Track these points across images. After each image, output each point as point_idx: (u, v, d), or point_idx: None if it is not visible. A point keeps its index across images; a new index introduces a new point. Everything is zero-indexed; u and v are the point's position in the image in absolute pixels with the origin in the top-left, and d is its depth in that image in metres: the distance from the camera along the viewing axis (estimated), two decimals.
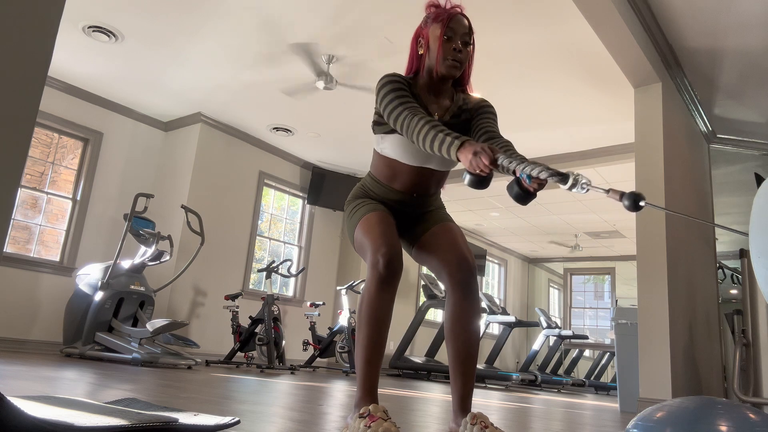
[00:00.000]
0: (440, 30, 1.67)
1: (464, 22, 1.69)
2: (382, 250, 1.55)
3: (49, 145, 5.59)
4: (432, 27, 1.70)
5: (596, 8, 3.45)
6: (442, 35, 1.66)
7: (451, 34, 1.67)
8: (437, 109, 1.74)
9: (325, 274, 7.66)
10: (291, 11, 4.15)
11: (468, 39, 1.70)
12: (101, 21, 4.45)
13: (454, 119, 1.76)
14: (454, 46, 1.67)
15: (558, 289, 12.42)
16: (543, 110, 5.41)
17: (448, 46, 1.67)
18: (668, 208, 4.02)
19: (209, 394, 2.51)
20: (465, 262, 1.65)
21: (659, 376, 3.72)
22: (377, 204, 1.76)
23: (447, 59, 1.66)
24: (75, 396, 1.90)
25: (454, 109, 1.76)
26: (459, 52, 1.67)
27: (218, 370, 4.75)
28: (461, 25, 1.68)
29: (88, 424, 1.15)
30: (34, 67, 0.97)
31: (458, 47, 1.67)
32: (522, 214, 8.96)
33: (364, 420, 1.43)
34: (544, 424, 2.61)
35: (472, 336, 1.64)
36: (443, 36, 1.66)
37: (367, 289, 1.57)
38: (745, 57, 4.15)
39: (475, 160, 1.35)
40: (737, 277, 5.38)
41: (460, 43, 1.68)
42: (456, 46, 1.67)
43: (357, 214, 1.74)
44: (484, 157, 1.34)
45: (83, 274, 4.98)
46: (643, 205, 1.26)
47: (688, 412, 1.57)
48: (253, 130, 6.54)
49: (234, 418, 1.51)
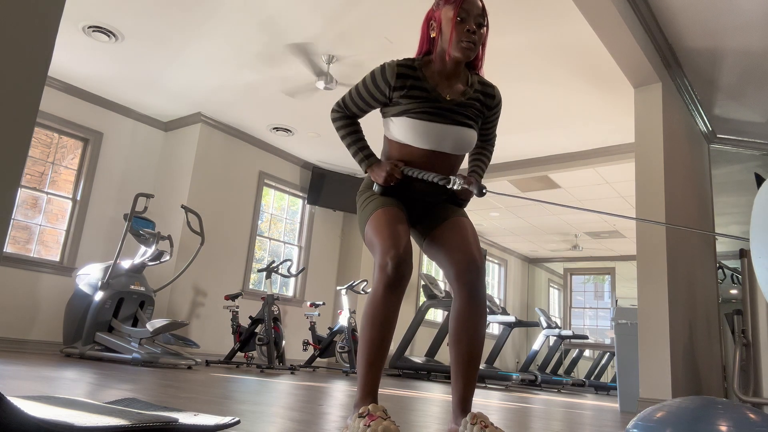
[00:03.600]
0: (453, 12, 1.63)
1: (478, 2, 1.65)
2: (391, 252, 1.53)
3: (49, 145, 5.59)
4: (444, 9, 1.66)
5: (596, 8, 3.45)
6: (455, 17, 1.62)
7: (464, 16, 1.63)
8: (449, 92, 1.71)
9: (325, 274, 7.65)
10: (291, 11, 4.16)
11: (482, 20, 1.66)
12: (101, 21, 4.45)
13: (469, 100, 1.73)
14: (467, 27, 1.63)
15: (558, 289, 12.42)
16: (543, 110, 5.41)
17: (461, 27, 1.63)
18: (668, 209, 4.02)
19: (209, 394, 2.51)
20: (474, 263, 1.62)
21: (659, 376, 3.72)
22: (389, 198, 1.72)
23: (461, 41, 1.63)
24: (75, 396, 1.90)
25: (471, 92, 1.74)
26: (473, 33, 1.63)
27: (218, 370, 4.75)
28: (475, 6, 1.64)
29: (88, 424, 1.15)
30: (34, 67, 0.97)
31: (472, 28, 1.63)
32: (522, 214, 8.96)
33: (364, 419, 1.43)
34: (544, 424, 2.60)
35: (476, 339, 1.63)
36: (456, 17, 1.62)
37: (374, 291, 1.55)
38: (745, 57, 4.15)
39: (388, 179, 1.68)
40: (737, 277, 5.38)
41: (474, 25, 1.64)
42: (470, 28, 1.63)
43: (368, 208, 1.70)
44: (397, 174, 1.68)
45: (83, 274, 4.98)
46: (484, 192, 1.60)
47: (688, 412, 1.57)
48: (253, 130, 6.54)
49: (234, 418, 1.51)
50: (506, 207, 8.55)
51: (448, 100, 1.69)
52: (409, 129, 1.66)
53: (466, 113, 1.72)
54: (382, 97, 1.70)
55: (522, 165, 6.75)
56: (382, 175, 1.68)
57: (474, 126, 1.75)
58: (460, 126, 1.70)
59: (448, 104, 1.69)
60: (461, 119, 1.70)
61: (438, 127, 1.67)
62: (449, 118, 1.69)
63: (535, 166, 6.66)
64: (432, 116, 1.67)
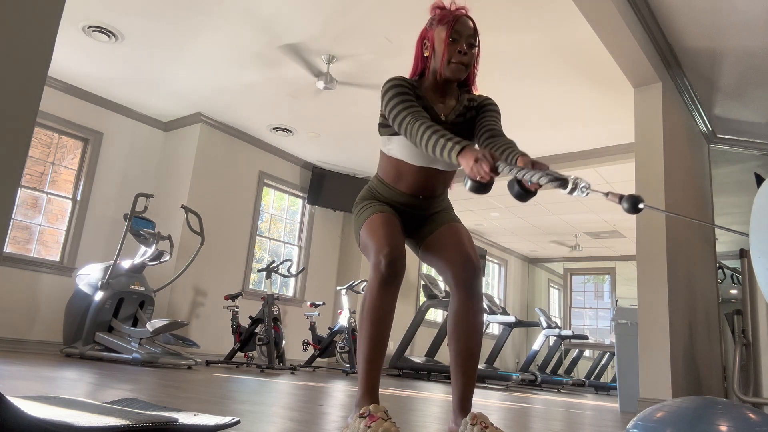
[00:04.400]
0: (445, 32, 1.66)
1: (469, 24, 1.69)
2: (384, 250, 1.55)
3: (49, 145, 5.59)
4: (437, 29, 1.69)
5: (596, 8, 3.45)
6: (447, 37, 1.65)
7: (456, 37, 1.66)
8: (443, 109, 1.74)
9: (325, 274, 7.65)
10: (291, 11, 4.15)
11: (473, 41, 1.69)
12: (101, 21, 4.45)
13: (460, 118, 1.76)
14: (459, 48, 1.66)
15: (558, 289, 12.42)
16: (543, 110, 5.41)
17: (453, 48, 1.66)
18: (668, 209, 4.02)
19: (209, 394, 2.51)
20: (470, 262, 1.65)
21: (659, 376, 3.72)
22: (383, 205, 1.76)
23: (452, 62, 1.66)
24: (75, 396, 1.90)
25: (460, 109, 1.77)
26: (464, 54, 1.66)
27: (218, 370, 4.75)
28: (466, 27, 1.67)
29: (88, 424, 1.15)
30: (34, 67, 0.97)
31: (463, 49, 1.66)
32: (522, 214, 8.96)
33: (364, 420, 1.43)
34: (544, 424, 2.60)
35: (474, 336, 1.64)
36: (448, 38, 1.66)
37: (369, 289, 1.57)
38: (745, 57, 4.15)
39: (476, 167, 1.36)
40: (737, 277, 5.38)
41: (466, 45, 1.67)
42: (461, 49, 1.66)
43: (363, 215, 1.74)
44: (485, 164, 1.35)
45: (83, 274, 4.98)
46: (642, 207, 1.29)
47: (688, 412, 1.57)
48: (253, 130, 6.54)
49: (234, 418, 1.51)
50: (506, 207, 8.55)
51: (443, 120, 1.74)
52: (404, 147, 1.70)
53: (460, 131, 1.76)
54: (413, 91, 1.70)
55: None
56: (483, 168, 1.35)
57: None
58: None
59: (443, 124, 1.74)
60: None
61: None
62: None
63: None
64: None
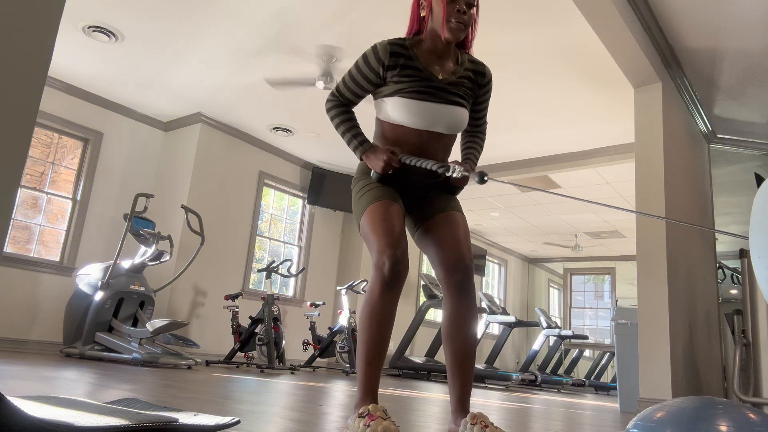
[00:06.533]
0: None
1: None
2: (387, 252, 1.53)
3: (49, 145, 5.59)
4: None
5: (596, 8, 3.45)
6: None
7: None
8: (441, 71, 1.70)
9: (325, 274, 7.65)
10: (291, 11, 4.15)
11: (472, 1, 1.66)
12: (101, 21, 4.45)
13: (461, 80, 1.73)
14: (458, 7, 1.63)
15: (558, 289, 12.42)
16: (543, 110, 5.41)
17: (452, 7, 1.62)
18: (668, 209, 4.02)
19: (209, 394, 2.51)
20: (462, 262, 1.63)
21: (659, 376, 3.72)
22: (384, 188, 1.69)
23: (451, 21, 1.62)
24: (75, 396, 1.90)
25: (461, 71, 1.73)
26: (463, 14, 1.63)
27: (218, 370, 4.75)
28: None
29: (88, 424, 1.15)
30: (34, 67, 0.97)
31: (462, 8, 1.63)
32: (522, 214, 8.96)
33: (364, 419, 1.43)
34: (544, 424, 2.60)
35: (468, 338, 1.63)
36: None
37: (371, 290, 1.56)
38: (745, 57, 4.15)
39: (385, 167, 1.64)
40: (737, 277, 5.38)
41: (464, 5, 1.64)
42: (460, 8, 1.63)
43: (364, 199, 1.68)
44: (395, 162, 1.63)
45: (83, 274, 4.98)
46: (486, 179, 1.52)
47: (688, 412, 1.57)
48: (253, 130, 6.54)
49: (234, 418, 1.51)
50: (506, 207, 8.55)
51: (440, 80, 1.69)
52: (402, 109, 1.65)
53: (458, 92, 1.71)
54: (375, 78, 1.69)
55: (522, 165, 6.75)
56: (379, 164, 1.64)
57: (466, 105, 1.74)
58: (453, 105, 1.69)
59: (441, 83, 1.68)
60: (454, 98, 1.69)
61: (431, 106, 1.66)
62: (442, 97, 1.68)
63: (535, 166, 6.66)
64: (425, 95, 1.65)
